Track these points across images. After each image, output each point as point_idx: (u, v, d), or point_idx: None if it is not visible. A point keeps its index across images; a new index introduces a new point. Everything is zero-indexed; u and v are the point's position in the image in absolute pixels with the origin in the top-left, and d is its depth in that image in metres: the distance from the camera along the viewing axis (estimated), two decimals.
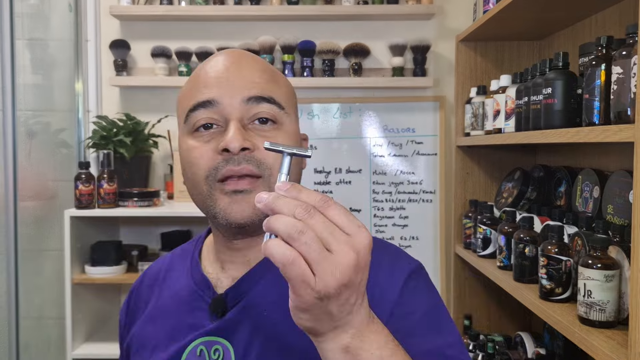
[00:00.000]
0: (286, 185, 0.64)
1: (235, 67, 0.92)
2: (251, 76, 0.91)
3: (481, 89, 2.35)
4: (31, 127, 2.51)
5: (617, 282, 1.32)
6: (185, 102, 0.93)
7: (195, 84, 0.92)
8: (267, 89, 0.91)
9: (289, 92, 0.97)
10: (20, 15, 2.35)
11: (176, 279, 1.01)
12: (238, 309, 0.91)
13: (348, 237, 0.62)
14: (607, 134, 1.26)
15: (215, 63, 0.93)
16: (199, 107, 0.89)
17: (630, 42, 1.25)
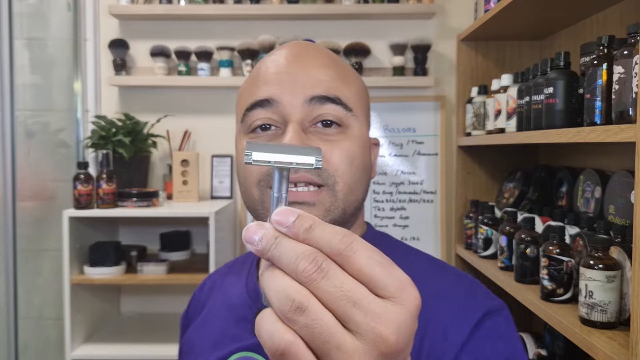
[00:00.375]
0: (289, 215, 0.43)
1: (298, 61, 0.83)
2: (316, 72, 0.82)
3: (482, 88, 2.34)
4: (30, 127, 2.51)
5: (618, 282, 1.32)
6: (243, 99, 0.86)
7: (254, 81, 0.85)
8: (333, 88, 0.82)
9: (359, 91, 0.87)
10: (19, 14, 2.35)
11: (231, 284, 0.96)
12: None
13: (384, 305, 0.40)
14: (609, 134, 1.25)
15: (277, 57, 0.85)
16: (256, 106, 0.82)
17: (631, 42, 1.24)
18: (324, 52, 0.87)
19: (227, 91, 2.82)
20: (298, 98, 0.80)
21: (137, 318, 2.79)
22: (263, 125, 0.82)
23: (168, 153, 2.82)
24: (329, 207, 0.79)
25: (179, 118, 2.82)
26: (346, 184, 0.80)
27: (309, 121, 0.81)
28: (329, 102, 0.80)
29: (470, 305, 0.78)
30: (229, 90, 2.82)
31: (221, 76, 2.73)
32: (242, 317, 0.88)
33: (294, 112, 0.80)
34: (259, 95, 0.82)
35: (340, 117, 0.81)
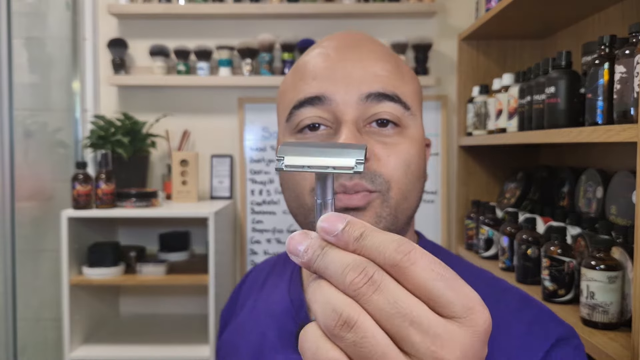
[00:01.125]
0: (337, 221, 0.38)
1: (352, 54, 0.75)
2: (373, 67, 0.74)
3: (483, 88, 2.33)
4: (28, 127, 2.50)
5: (620, 283, 1.31)
6: (288, 95, 0.78)
7: (302, 75, 0.76)
8: (391, 85, 0.74)
9: (415, 88, 0.80)
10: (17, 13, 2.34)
11: (273, 288, 0.89)
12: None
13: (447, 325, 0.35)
14: (610, 133, 1.24)
15: (327, 49, 0.77)
16: (305, 104, 0.73)
17: (633, 41, 1.24)
18: (378, 45, 0.79)
19: (226, 90, 2.81)
20: (353, 95, 0.72)
21: (136, 319, 2.78)
22: (313, 125, 0.74)
23: (167, 153, 2.81)
24: (380, 212, 0.73)
25: (178, 118, 2.81)
26: (400, 191, 0.74)
27: (364, 120, 0.73)
28: (387, 99, 0.73)
29: (538, 331, 0.71)
30: (229, 90, 2.81)
31: (220, 75, 2.72)
32: (284, 329, 0.81)
33: (347, 110, 0.72)
34: (308, 91, 0.74)
35: (398, 116, 0.74)
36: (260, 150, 2.82)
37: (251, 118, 2.82)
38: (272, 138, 2.81)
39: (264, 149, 2.82)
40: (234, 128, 2.83)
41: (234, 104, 2.82)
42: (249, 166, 2.82)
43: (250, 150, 2.82)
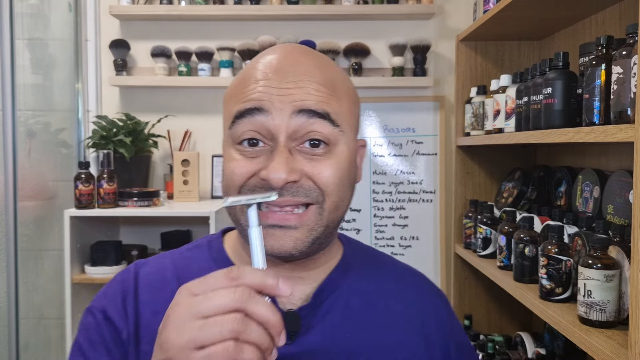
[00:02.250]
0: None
1: (290, 71, 0.81)
2: (307, 86, 0.80)
3: (481, 88, 2.34)
4: (31, 127, 2.51)
5: (617, 282, 1.32)
6: (231, 104, 0.83)
7: (244, 85, 0.82)
8: (324, 102, 0.80)
9: (351, 101, 0.86)
10: (20, 15, 2.35)
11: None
12: (318, 331, 0.83)
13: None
14: (607, 133, 1.25)
15: (268, 63, 0.82)
16: (245, 115, 0.79)
17: (630, 42, 1.25)
18: (316, 62, 0.84)
19: None
20: (287, 110, 0.78)
21: None
22: (251, 140, 0.80)
23: (169, 153, 2.82)
24: (312, 226, 0.80)
25: (179, 118, 2.82)
26: (334, 202, 0.81)
27: (297, 139, 0.79)
28: (317, 117, 0.79)
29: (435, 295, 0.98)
30: None
31: (221, 76, 2.74)
32: None
33: (282, 125, 0.78)
34: (248, 104, 0.80)
35: (327, 135, 0.80)
36: None
37: None
38: None
39: None
40: None
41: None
42: None
43: None
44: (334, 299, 0.87)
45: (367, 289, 0.91)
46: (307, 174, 0.79)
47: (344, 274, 0.91)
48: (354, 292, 0.89)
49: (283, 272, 0.86)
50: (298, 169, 0.78)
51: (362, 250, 0.99)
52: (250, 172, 0.79)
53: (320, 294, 0.86)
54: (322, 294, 0.86)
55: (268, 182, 0.76)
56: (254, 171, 0.79)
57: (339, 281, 0.89)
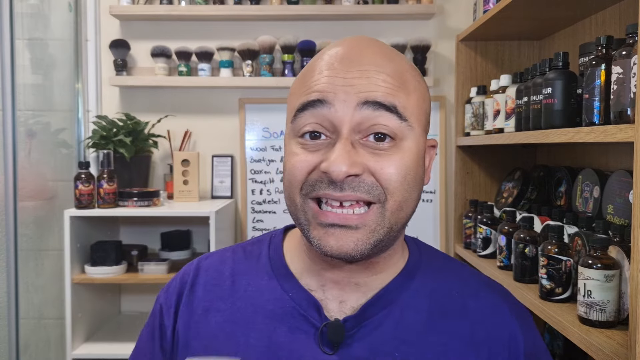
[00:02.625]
0: None
1: (357, 63, 0.77)
2: (374, 77, 0.76)
3: (481, 88, 2.35)
4: (31, 127, 2.51)
5: (617, 282, 1.32)
6: (294, 98, 0.81)
7: (308, 79, 0.80)
8: (391, 95, 0.76)
9: (419, 97, 0.81)
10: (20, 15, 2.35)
11: (255, 288, 0.86)
12: (363, 345, 0.80)
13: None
14: (607, 133, 1.25)
15: (333, 55, 0.79)
16: (308, 107, 0.77)
17: (630, 42, 1.25)
18: (385, 52, 0.81)
19: (227, 91, 2.83)
20: (351, 102, 0.75)
21: (138, 317, 2.79)
22: (313, 133, 0.77)
23: (169, 153, 2.82)
24: (374, 228, 0.76)
25: (179, 118, 2.82)
26: (397, 202, 0.77)
27: (361, 131, 0.76)
28: (384, 109, 0.75)
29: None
30: (230, 91, 2.83)
31: (221, 76, 2.74)
32: (296, 328, 0.82)
33: (345, 117, 0.75)
34: (311, 96, 0.77)
35: (393, 128, 0.76)
36: (260, 150, 2.83)
37: (252, 118, 2.83)
38: (272, 138, 2.83)
39: (264, 149, 2.83)
40: (234, 128, 2.84)
41: (235, 104, 2.84)
42: (250, 166, 2.84)
43: (250, 151, 2.84)
44: (388, 311, 0.82)
45: (429, 303, 0.85)
46: (369, 169, 0.75)
47: (405, 284, 0.86)
48: (413, 306, 0.84)
49: (339, 277, 0.84)
50: (360, 162, 0.74)
51: (432, 257, 0.93)
52: (310, 166, 0.77)
53: (370, 306, 0.82)
54: (373, 306, 0.82)
55: (329, 175, 0.73)
56: (315, 164, 0.76)
57: (397, 292, 0.84)
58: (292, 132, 0.80)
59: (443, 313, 0.84)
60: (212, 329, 0.84)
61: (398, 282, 0.85)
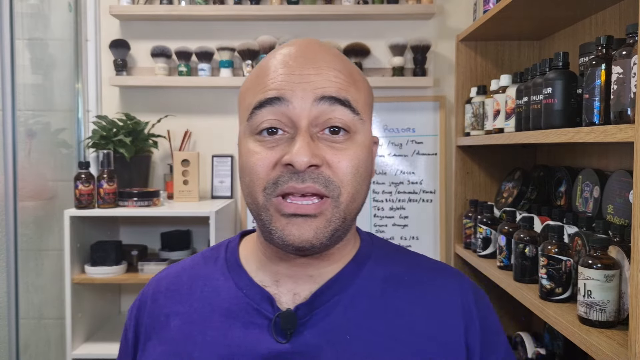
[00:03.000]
0: None
1: (309, 60, 0.81)
2: (327, 74, 0.80)
3: (481, 88, 2.34)
4: (31, 127, 2.51)
5: (617, 282, 1.32)
6: (249, 97, 0.83)
7: (262, 78, 0.82)
8: (344, 90, 0.81)
9: (367, 94, 0.87)
10: (20, 15, 2.35)
11: (211, 288, 0.89)
12: (315, 331, 0.82)
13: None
14: (607, 133, 1.25)
15: (286, 55, 0.82)
16: (265, 105, 0.79)
17: (630, 42, 1.25)
18: (334, 52, 0.85)
19: (227, 91, 2.83)
20: (308, 98, 0.78)
21: None
22: (271, 129, 0.80)
23: (169, 153, 2.82)
24: (330, 217, 0.79)
25: (179, 118, 2.82)
26: (350, 194, 0.80)
27: (317, 125, 0.79)
28: (339, 104, 0.79)
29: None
30: (230, 91, 2.83)
31: (221, 76, 2.74)
32: (250, 323, 0.84)
33: (303, 113, 0.78)
34: (268, 93, 0.79)
35: (347, 122, 0.80)
36: None
37: None
38: None
39: None
40: (234, 128, 2.84)
41: (235, 104, 2.84)
42: None
43: None
44: (340, 298, 0.84)
45: (381, 287, 0.87)
46: (327, 161, 0.78)
47: (356, 271, 0.88)
48: (364, 291, 0.86)
49: (293, 271, 0.86)
50: (319, 154, 0.78)
51: (384, 246, 0.95)
52: (272, 162, 0.79)
53: (321, 294, 0.85)
54: (324, 294, 0.85)
55: (292, 166, 0.76)
56: (276, 160, 0.78)
57: (349, 279, 0.87)
58: (248, 130, 0.82)
59: (394, 295, 0.87)
60: (172, 333, 0.87)
61: (349, 269, 0.88)
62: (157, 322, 0.89)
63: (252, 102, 0.81)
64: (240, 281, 0.88)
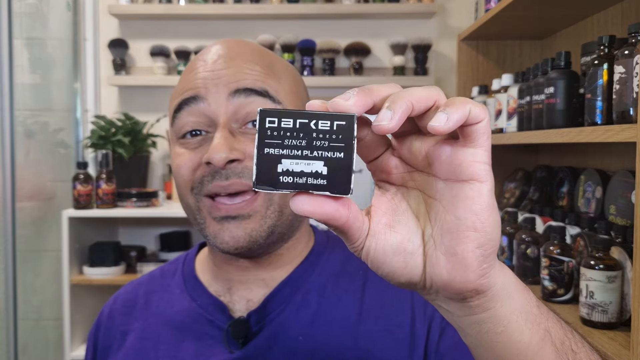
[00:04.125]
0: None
1: (223, 58, 0.79)
2: (241, 67, 0.78)
3: (483, 88, 2.33)
4: (29, 127, 2.50)
5: (619, 283, 1.31)
6: (172, 103, 0.82)
7: (181, 82, 0.82)
8: (260, 81, 0.78)
9: (292, 83, 0.83)
10: (18, 14, 2.34)
11: (166, 302, 0.87)
12: (266, 335, 0.79)
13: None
14: (610, 134, 1.25)
15: (204, 56, 0.81)
16: (183, 106, 0.78)
17: (632, 42, 1.24)
18: (253, 48, 0.83)
19: None
20: (222, 93, 0.76)
21: None
22: (193, 132, 0.78)
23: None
24: (264, 212, 0.77)
25: None
26: None
27: (237, 121, 0.77)
28: (255, 94, 0.77)
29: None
30: None
31: None
32: (204, 334, 0.82)
33: (219, 110, 0.76)
34: (185, 94, 0.78)
35: None
36: None
37: None
38: None
39: None
40: None
41: None
42: None
43: None
44: (291, 299, 0.82)
45: (333, 282, 0.84)
46: (251, 154, 0.75)
47: (308, 269, 0.85)
48: (315, 288, 0.83)
49: (244, 277, 0.84)
50: (240, 148, 0.75)
51: (339, 242, 0.90)
52: (195, 163, 0.77)
53: (273, 297, 0.82)
54: (276, 297, 0.82)
55: (211, 164, 0.74)
56: (199, 160, 0.77)
57: (300, 279, 0.84)
58: (173, 135, 0.81)
59: (347, 288, 0.83)
60: (127, 350, 0.85)
61: (301, 269, 0.85)
62: (114, 341, 0.88)
63: (173, 105, 0.80)
64: (195, 292, 0.86)
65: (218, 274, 0.86)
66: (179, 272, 0.91)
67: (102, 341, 0.89)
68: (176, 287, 0.89)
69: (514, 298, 0.49)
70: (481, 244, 0.44)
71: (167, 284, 0.90)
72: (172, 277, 0.91)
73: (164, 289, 0.89)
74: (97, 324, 0.92)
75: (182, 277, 0.89)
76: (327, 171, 0.41)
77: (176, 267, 0.92)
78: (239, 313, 0.82)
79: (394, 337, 0.79)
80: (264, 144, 0.41)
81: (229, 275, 0.85)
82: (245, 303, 0.83)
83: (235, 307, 0.83)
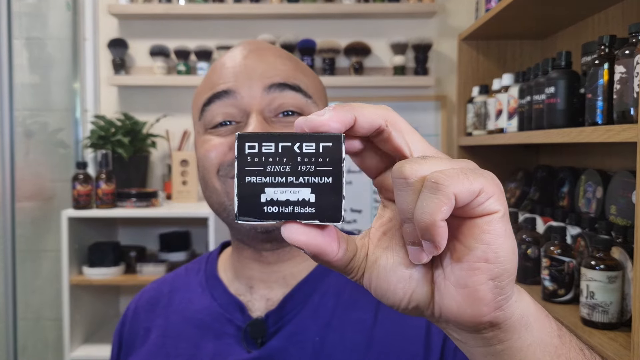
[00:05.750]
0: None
1: (255, 55, 0.82)
2: (273, 63, 0.81)
3: (483, 88, 2.33)
4: (29, 127, 2.50)
5: (620, 283, 1.31)
6: (199, 98, 0.84)
7: (210, 78, 0.83)
8: (292, 76, 0.81)
9: (316, 82, 0.87)
10: (18, 14, 2.34)
11: (188, 301, 0.89)
12: (284, 336, 0.80)
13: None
14: (610, 134, 1.24)
15: (233, 54, 0.84)
16: (214, 99, 0.79)
17: (633, 42, 1.24)
18: (279, 48, 0.87)
19: None
20: (257, 87, 0.79)
21: None
22: (224, 122, 0.80)
23: (167, 153, 2.81)
24: None
25: (178, 118, 2.81)
26: None
27: (270, 111, 0.79)
28: (289, 89, 0.79)
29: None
30: None
31: None
32: (223, 333, 0.83)
33: (253, 102, 0.78)
34: (216, 88, 0.80)
35: (300, 105, 0.80)
36: None
37: None
38: None
39: None
40: None
41: None
42: None
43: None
44: (309, 300, 0.82)
45: (351, 283, 0.82)
46: None
47: (327, 269, 0.84)
48: (333, 289, 0.83)
49: (266, 274, 0.85)
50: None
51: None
52: (227, 146, 0.78)
53: (291, 298, 0.82)
54: (294, 297, 0.82)
55: None
56: (230, 144, 0.78)
57: (319, 279, 0.84)
58: (202, 128, 0.82)
59: (364, 291, 0.82)
60: (150, 346, 0.87)
61: (319, 268, 0.85)
62: (137, 337, 0.90)
63: (203, 99, 0.81)
64: (215, 292, 0.87)
65: (241, 272, 0.87)
66: (202, 271, 0.92)
67: (127, 337, 0.92)
68: (198, 285, 0.90)
69: (533, 329, 0.44)
70: (495, 275, 0.39)
71: (190, 283, 0.92)
72: (196, 275, 0.92)
73: (187, 288, 0.91)
74: (123, 320, 0.94)
75: (205, 276, 0.91)
76: (314, 198, 0.38)
77: (199, 266, 0.94)
78: (257, 312, 0.83)
79: (409, 341, 0.79)
80: (244, 172, 0.38)
81: (252, 272, 0.86)
82: (264, 302, 0.84)
83: (255, 306, 0.84)
